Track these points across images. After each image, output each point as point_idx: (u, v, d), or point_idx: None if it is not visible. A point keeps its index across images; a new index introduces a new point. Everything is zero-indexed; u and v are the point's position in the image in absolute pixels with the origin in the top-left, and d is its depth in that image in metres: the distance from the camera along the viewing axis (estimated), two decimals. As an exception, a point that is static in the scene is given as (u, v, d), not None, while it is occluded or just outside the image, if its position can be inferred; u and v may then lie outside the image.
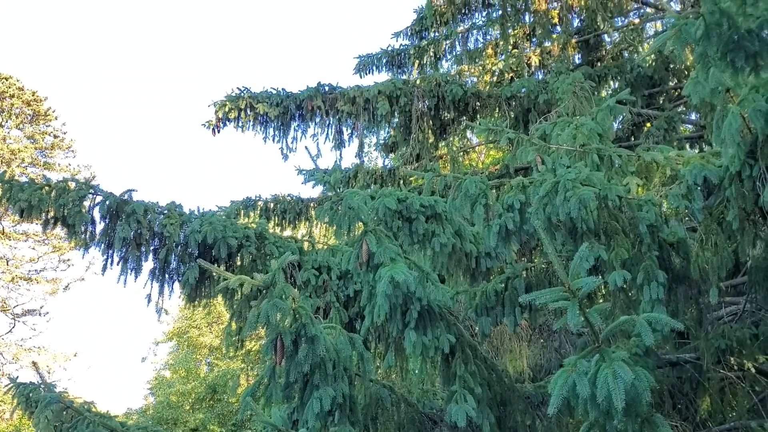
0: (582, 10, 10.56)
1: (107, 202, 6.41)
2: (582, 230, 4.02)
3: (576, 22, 11.28)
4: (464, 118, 10.22)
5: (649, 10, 10.81)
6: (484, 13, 12.18)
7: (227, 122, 9.97)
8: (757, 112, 3.56)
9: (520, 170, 8.97)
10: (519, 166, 8.72)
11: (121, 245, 6.45)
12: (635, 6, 11.02)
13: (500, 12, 10.96)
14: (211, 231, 6.15)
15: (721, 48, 3.27)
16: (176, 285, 6.70)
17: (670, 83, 9.57)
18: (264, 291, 3.76)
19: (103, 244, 6.49)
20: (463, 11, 12.15)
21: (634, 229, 4.08)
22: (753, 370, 5.34)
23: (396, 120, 10.60)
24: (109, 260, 6.54)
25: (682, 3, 9.77)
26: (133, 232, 6.45)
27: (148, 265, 6.61)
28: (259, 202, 10.47)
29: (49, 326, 25.28)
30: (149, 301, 6.63)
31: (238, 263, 6.44)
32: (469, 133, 12.19)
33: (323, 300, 6.07)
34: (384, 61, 12.92)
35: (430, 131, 10.42)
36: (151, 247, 6.65)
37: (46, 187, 6.35)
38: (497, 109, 9.85)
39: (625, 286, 4.10)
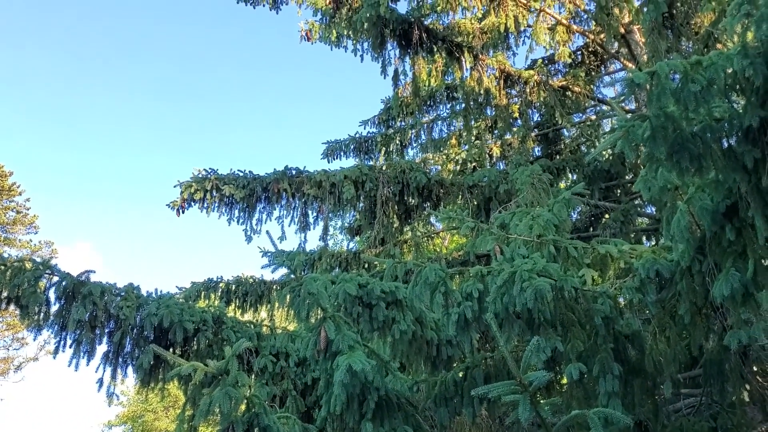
0: (541, 105, 11.03)
1: (63, 283, 6.28)
2: (539, 321, 4.05)
3: (536, 117, 11.76)
4: (428, 204, 10.39)
5: (605, 107, 11.35)
6: (449, 106, 12.68)
7: (192, 203, 9.97)
8: (704, 210, 3.71)
9: (482, 257, 9.07)
10: (481, 253, 8.83)
11: (75, 327, 6.27)
12: (592, 103, 11.56)
13: (463, 105, 11.37)
14: (167, 314, 6.04)
15: (667, 149, 3.43)
16: (130, 369, 6.51)
17: (627, 177, 9.92)
18: (217, 378, 3.68)
19: (56, 326, 6.31)
20: (428, 103, 12.61)
21: (590, 320, 4.13)
22: (712, 465, 5.31)
23: (361, 204, 10.71)
24: (62, 342, 6.34)
25: (637, 101, 10.27)
26: (89, 314, 6.30)
27: (101, 348, 6.43)
28: (221, 284, 10.36)
29: (-2, 406, 24.08)
30: (101, 385, 6.40)
31: (195, 348, 6.30)
32: (433, 219, 12.36)
33: (280, 388, 5.94)
34: (352, 147, 13.22)
35: (395, 216, 10.53)
36: (106, 330, 6.47)
37: (2, 267, 6.21)
38: (460, 196, 10.04)
39: (582, 378, 4.11)
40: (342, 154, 13.24)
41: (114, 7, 52.21)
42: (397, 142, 13.15)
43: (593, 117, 12.07)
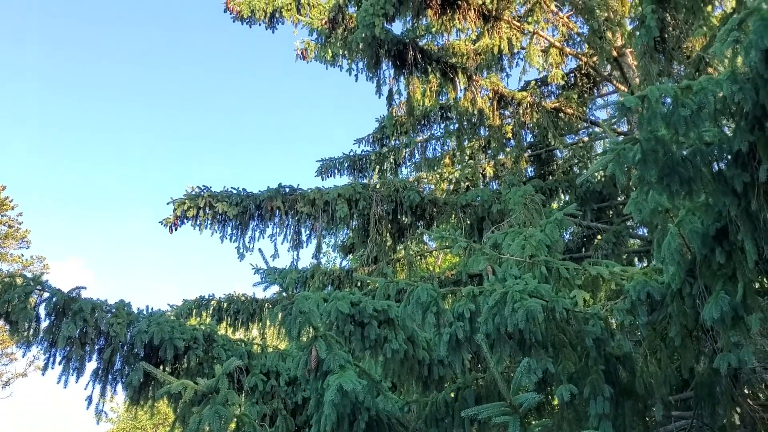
0: (534, 126, 11.11)
1: (54, 299, 6.24)
2: (530, 342, 4.05)
3: (529, 138, 11.84)
4: (421, 223, 10.42)
5: (597, 129, 11.44)
6: (443, 125, 12.75)
7: (185, 220, 9.95)
8: (694, 233, 3.74)
9: (475, 277, 9.08)
10: (473, 273, 8.84)
11: (65, 344, 6.23)
12: (584, 125, 11.66)
13: (457, 125, 11.44)
14: (158, 332, 6.00)
15: (657, 172, 3.46)
16: (119, 386, 6.46)
17: (619, 198, 9.98)
18: (207, 397, 3.66)
19: (46, 342, 6.27)
20: (422, 122, 12.68)
21: (581, 342, 4.14)
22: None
23: (355, 222, 10.72)
24: (52, 359, 6.29)
25: (629, 123, 10.37)
26: (79, 330, 6.26)
27: (91, 365, 6.38)
28: (213, 302, 10.32)
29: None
30: (90, 402, 6.34)
31: (185, 365, 6.26)
32: (426, 238, 12.38)
33: (270, 407, 5.90)
34: (346, 165, 13.26)
35: (388, 234, 10.55)
36: (96, 347, 6.43)
37: (-8, 282, 6.17)
38: (453, 215, 10.07)
39: (573, 399, 4.10)
40: (336, 172, 13.27)
41: (108, 21, 52.41)
42: (391, 160, 13.21)
43: (586, 139, 12.16)
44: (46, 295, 6.28)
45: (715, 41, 3.27)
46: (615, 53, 10.05)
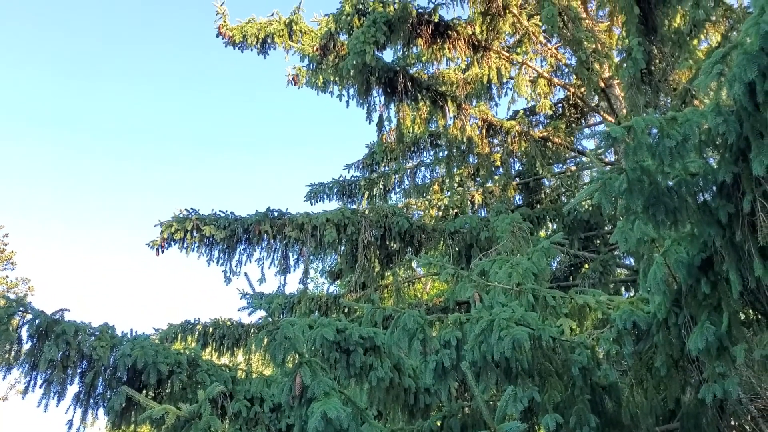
0: (522, 155, 11.21)
1: (37, 321, 6.16)
2: (516, 370, 4.03)
3: (517, 166, 11.94)
4: (410, 249, 10.41)
5: (584, 159, 11.54)
6: (432, 152, 12.85)
7: (172, 243, 9.91)
8: (680, 263, 3.75)
9: (462, 304, 9.07)
10: (461, 300, 8.83)
11: (47, 367, 6.14)
12: (572, 155, 11.77)
13: (446, 152, 11.52)
14: (141, 355, 5.93)
15: (643, 202, 3.49)
16: (101, 411, 6.36)
17: (606, 228, 10.04)
18: (189, 422, 3.60)
19: (27, 365, 6.17)
20: (412, 149, 12.77)
21: (567, 371, 4.12)
22: None
23: (343, 248, 10.70)
24: (32, 382, 6.19)
25: (616, 154, 10.47)
26: (61, 353, 6.18)
27: (72, 388, 6.29)
28: (198, 326, 10.23)
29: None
30: (70, 426, 6.24)
31: (168, 390, 6.18)
32: (414, 264, 12.37)
33: (254, 433, 5.82)
34: (335, 190, 13.29)
35: (376, 260, 10.52)
36: (78, 370, 6.34)
37: (-27, 303, 6.09)
38: (441, 242, 10.08)
39: (558, 429, 4.08)
40: (325, 196, 13.30)
41: (92, 41, 52.56)
42: (381, 186, 13.25)
43: (573, 168, 12.28)
44: (29, 316, 6.20)
45: (700, 74, 3.32)
46: (602, 84, 10.18)
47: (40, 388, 6.15)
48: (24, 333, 6.20)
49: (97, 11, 50.61)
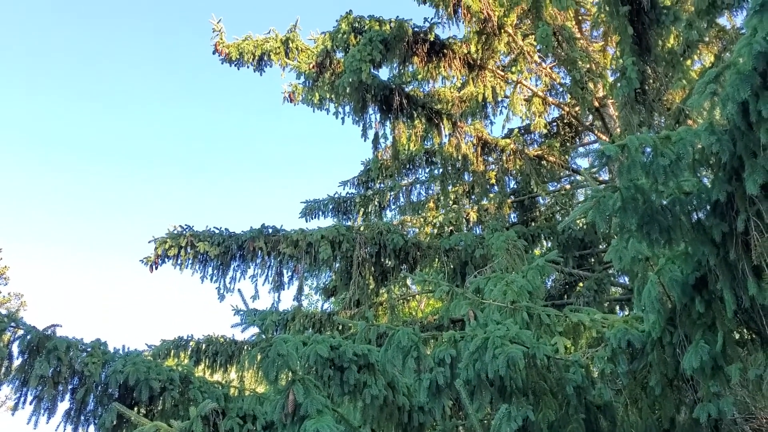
0: (517, 173, 11.25)
1: (28, 337, 6.11)
2: (510, 389, 4.01)
3: (512, 184, 11.98)
4: (404, 266, 10.39)
5: (579, 177, 11.59)
6: (427, 170, 12.89)
7: (166, 259, 9.87)
8: (674, 282, 3.75)
9: (457, 322, 9.03)
10: (455, 318, 8.80)
11: (38, 383, 6.09)
12: (567, 173, 11.82)
13: (442, 170, 11.55)
14: (133, 372, 5.88)
15: (637, 221, 3.49)
16: (92, 428, 6.29)
17: (600, 246, 10.05)
18: (180, 441, 3.57)
19: (17, 381, 6.11)
20: (407, 166, 12.80)
21: (562, 389, 4.10)
22: None
23: (338, 265, 10.68)
24: (23, 398, 6.13)
25: (611, 172, 10.51)
26: (52, 369, 6.12)
27: (63, 405, 6.22)
28: (191, 342, 10.18)
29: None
30: (60, 444, 6.16)
31: (160, 407, 6.12)
32: (409, 281, 12.36)
33: (246, 451, 5.75)
34: (330, 207, 13.29)
35: (371, 277, 10.50)
36: (69, 387, 6.28)
37: (-36, 318, 6.04)
38: (436, 259, 10.07)
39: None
40: (321, 213, 13.30)
41: (81, 57, 52.74)
42: (376, 203, 13.27)
43: (568, 186, 12.32)
44: (20, 332, 6.16)
45: (693, 93, 3.34)
46: (597, 104, 10.25)
47: (31, 404, 6.08)
48: (15, 348, 6.14)
49: (86, 26, 50.78)
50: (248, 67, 11.96)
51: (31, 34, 48.34)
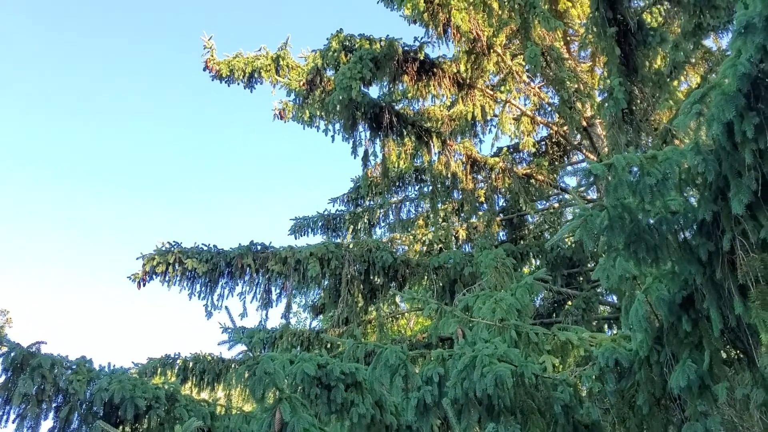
0: (506, 191, 11.30)
1: (12, 354, 6.04)
2: (498, 408, 3.99)
3: (501, 202, 12.03)
4: (393, 284, 10.37)
5: (567, 196, 11.65)
6: (417, 187, 12.93)
7: (154, 276, 9.81)
8: (661, 300, 3.76)
9: (446, 340, 9.02)
10: (444, 336, 8.78)
11: (21, 401, 6.01)
12: (555, 192, 11.89)
13: (431, 187, 11.59)
14: (119, 390, 5.82)
15: (624, 239, 3.51)
16: (75, 447, 6.20)
17: (589, 265, 10.08)
18: (165, 460, 3.52)
19: (0, 399, 6.04)
20: (397, 184, 12.83)
21: (550, 408, 4.09)
22: None
23: (326, 282, 10.64)
24: (5, 417, 6.04)
25: (599, 191, 10.57)
26: (36, 387, 6.05)
27: (47, 423, 6.14)
28: (179, 360, 10.08)
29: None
30: (43, 463, 6.07)
31: (145, 426, 6.05)
32: (398, 299, 12.33)
33: (232, 471, 5.69)
34: (320, 224, 13.28)
35: (359, 295, 10.47)
36: (54, 405, 6.21)
37: (-54, 335, 5.97)
38: (425, 277, 10.06)
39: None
40: (310, 230, 13.28)
41: (69, 73, 52.69)
42: (365, 220, 13.27)
43: (556, 205, 12.39)
44: (4, 349, 6.08)
45: (680, 114, 3.38)
46: (585, 123, 10.34)
47: (13, 422, 6.00)
48: (-1, 366, 6.07)
49: (75, 42, 50.79)
50: (239, 84, 11.99)
51: (18, 48, 48.29)
